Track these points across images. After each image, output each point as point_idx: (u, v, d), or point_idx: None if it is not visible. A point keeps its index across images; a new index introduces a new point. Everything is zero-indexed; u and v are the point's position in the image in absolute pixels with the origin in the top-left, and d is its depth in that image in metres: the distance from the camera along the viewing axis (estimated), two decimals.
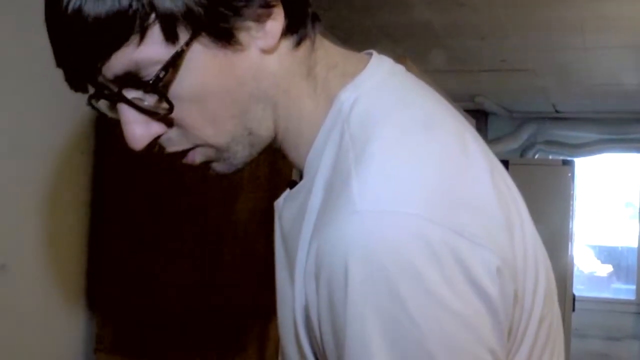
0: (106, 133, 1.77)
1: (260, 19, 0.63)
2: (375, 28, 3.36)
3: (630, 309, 5.83)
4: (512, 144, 5.80)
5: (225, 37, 0.62)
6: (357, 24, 3.28)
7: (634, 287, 5.94)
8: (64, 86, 0.65)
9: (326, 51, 0.71)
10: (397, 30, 3.41)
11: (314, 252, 0.60)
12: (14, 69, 1.53)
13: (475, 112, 5.29)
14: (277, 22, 0.64)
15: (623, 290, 6.23)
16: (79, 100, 0.71)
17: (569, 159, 5.11)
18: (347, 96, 0.66)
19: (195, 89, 0.63)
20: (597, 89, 4.73)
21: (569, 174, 4.79)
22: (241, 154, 0.69)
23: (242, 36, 0.63)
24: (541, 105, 5.52)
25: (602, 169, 6.54)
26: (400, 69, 0.72)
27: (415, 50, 3.68)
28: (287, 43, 0.67)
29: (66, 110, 1.67)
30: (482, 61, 4.10)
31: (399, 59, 0.75)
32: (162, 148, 0.68)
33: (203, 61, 0.62)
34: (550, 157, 6.04)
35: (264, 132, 0.69)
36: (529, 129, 5.85)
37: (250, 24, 0.63)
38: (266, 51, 0.65)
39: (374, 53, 0.73)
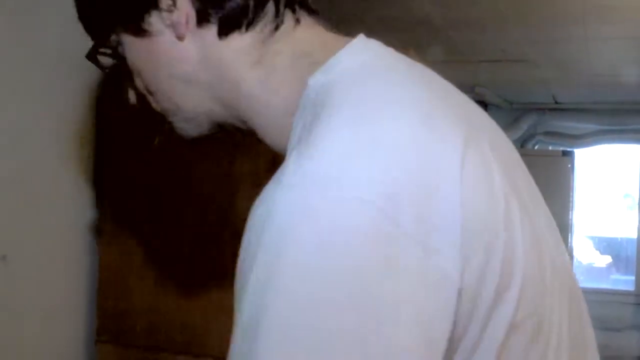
0: (107, 128, 1.76)
1: (168, 9, 0.70)
2: (375, 20, 3.34)
3: (629, 299, 5.84)
4: (512, 135, 5.79)
5: (133, 28, 0.73)
6: (357, 16, 3.26)
7: (633, 278, 5.95)
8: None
9: (295, 41, 0.71)
10: (397, 22, 3.39)
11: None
12: (13, 68, 1.52)
13: (475, 102, 5.27)
14: (180, 12, 0.70)
15: (622, 281, 6.24)
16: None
17: (568, 150, 5.11)
18: (314, 81, 0.66)
19: (130, 64, 0.77)
20: (598, 80, 4.71)
21: (569, 165, 4.79)
22: (181, 125, 0.79)
23: (154, 25, 0.72)
24: (541, 96, 5.51)
25: (601, 160, 6.54)
26: (387, 51, 0.70)
27: (415, 41, 3.66)
28: (210, 32, 0.71)
29: (67, 104, 1.67)
30: (482, 52, 4.08)
31: (404, 49, 0.73)
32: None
33: (129, 45, 0.76)
34: (550, 148, 6.04)
35: (196, 109, 0.76)
36: (529, 120, 5.84)
37: (162, 13, 0.71)
38: (180, 38, 0.72)
39: (360, 36, 0.71)
